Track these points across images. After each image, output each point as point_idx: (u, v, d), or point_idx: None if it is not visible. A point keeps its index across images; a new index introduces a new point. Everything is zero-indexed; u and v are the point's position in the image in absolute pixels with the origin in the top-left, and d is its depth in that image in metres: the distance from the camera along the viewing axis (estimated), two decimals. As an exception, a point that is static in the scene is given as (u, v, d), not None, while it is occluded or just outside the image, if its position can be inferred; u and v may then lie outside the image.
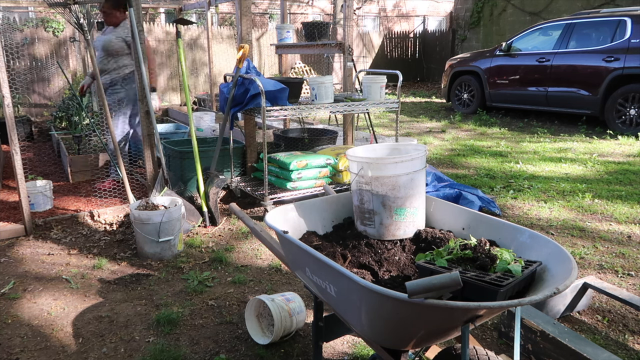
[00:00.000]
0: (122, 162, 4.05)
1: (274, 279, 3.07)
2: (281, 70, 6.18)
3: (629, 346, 2.36)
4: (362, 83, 4.47)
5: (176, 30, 4.04)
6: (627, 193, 4.61)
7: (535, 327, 2.19)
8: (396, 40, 16.63)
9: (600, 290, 2.46)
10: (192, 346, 2.39)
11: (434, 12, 19.27)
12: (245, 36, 4.33)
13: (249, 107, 4.03)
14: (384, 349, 1.63)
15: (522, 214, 4.12)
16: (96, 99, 7.42)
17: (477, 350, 1.65)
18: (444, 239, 1.92)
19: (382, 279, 1.79)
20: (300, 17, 17.13)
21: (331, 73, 11.41)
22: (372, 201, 1.98)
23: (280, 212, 2.04)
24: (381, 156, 2.16)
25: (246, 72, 4.08)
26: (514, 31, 12.93)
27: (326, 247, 1.97)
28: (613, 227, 3.83)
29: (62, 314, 2.68)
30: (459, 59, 10.02)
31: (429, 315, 1.39)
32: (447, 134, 7.67)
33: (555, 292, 1.35)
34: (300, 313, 2.41)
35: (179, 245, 3.42)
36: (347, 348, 2.37)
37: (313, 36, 5.23)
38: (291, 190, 4.12)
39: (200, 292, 2.88)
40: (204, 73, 12.01)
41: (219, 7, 7.46)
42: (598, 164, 5.71)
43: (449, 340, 2.31)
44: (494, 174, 5.34)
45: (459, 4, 15.57)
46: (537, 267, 1.58)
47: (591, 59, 7.60)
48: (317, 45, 5.00)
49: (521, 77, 8.56)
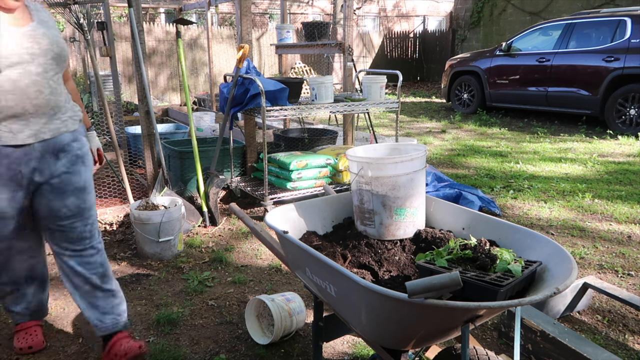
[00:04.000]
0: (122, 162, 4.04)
1: (274, 279, 3.07)
2: (281, 70, 6.18)
3: (629, 346, 2.36)
4: (362, 83, 4.47)
5: (176, 30, 4.04)
6: (627, 193, 4.61)
7: (535, 327, 2.19)
8: (396, 40, 16.63)
9: (600, 290, 2.46)
10: (192, 346, 2.39)
11: (434, 12, 19.26)
12: (245, 36, 4.33)
13: (249, 107, 4.03)
14: (384, 349, 1.63)
15: (522, 214, 4.12)
16: (96, 99, 7.42)
17: (477, 350, 1.65)
18: (444, 239, 1.92)
19: (382, 279, 1.79)
20: (300, 17, 17.13)
21: (331, 73, 11.41)
22: (372, 201, 1.98)
23: (280, 212, 2.04)
24: (381, 156, 2.16)
25: (246, 72, 4.08)
26: (514, 31, 12.92)
27: (326, 247, 1.97)
28: (613, 227, 3.83)
29: (62, 314, 2.68)
30: (459, 59, 10.02)
31: (429, 315, 1.39)
32: (447, 134, 7.67)
33: (555, 292, 1.35)
34: (300, 313, 2.41)
35: (179, 245, 3.42)
36: (347, 348, 2.37)
37: (313, 36, 5.23)
38: (291, 190, 4.12)
39: (200, 292, 2.88)
40: (204, 73, 12.01)
41: (219, 7, 7.47)
42: (598, 164, 5.71)
43: (449, 340, 2.31)
44: (494, 174, 5.34)
45: (459, 4, 15.56)
46: (537, 267, 1.58)
47: (591, 59, 7.59)
48: (317, 45, 5.00)
49: (521, 77, 8.56)
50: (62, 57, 1.95)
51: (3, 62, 1.76)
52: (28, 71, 1.82)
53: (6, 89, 1.78)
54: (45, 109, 1.90)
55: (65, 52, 1.97)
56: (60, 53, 1.93)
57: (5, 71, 1.77)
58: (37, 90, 1.85)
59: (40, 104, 1.87)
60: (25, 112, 1.84)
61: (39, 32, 1.88)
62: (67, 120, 2.02)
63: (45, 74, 1.87)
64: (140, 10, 3.83)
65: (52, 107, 1.92)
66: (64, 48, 1.97)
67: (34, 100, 1.85)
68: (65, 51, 1.97)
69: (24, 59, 1.81)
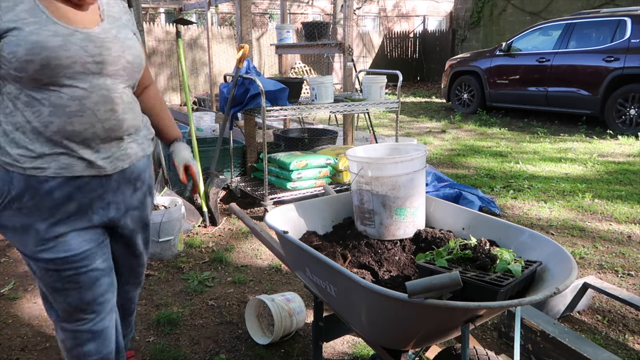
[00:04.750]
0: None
1: (274, 279, 3.07)
2: (281, 70, 6.18)
3: (629, 346, 2.36)
4: (362, 83, 4.47)
5: (176, 30, 4.04)
6: (627, 193, 4.61)
7: (535, 327, 2.19)
8: (396, 40, 16.63)
9: (600, 290, 2.46)
10: (192, 346, 2.39)
11: (434, 12, 19.26)
12: (245, 36, 4.33)
13: (249, 107, 4.03)
14: (384, 349, 1.63)
15: (522, 214, 4.12)
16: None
17: (477, 350, 1.65)
18: (444, 239, 1.92)
19: (382, 279, 1.79)
20: (300, 17, 17.13)
21: (331, 73, 11.41)
22: (372, 201, 1.98)
23: (280, 212, 2.03)
24: (381, 156, 2.16)
25: (246, 72, 4.08)
26: (514, 31, 12.93)
27: (326, 247, 1.97)
28: (613, 227, 3.83)
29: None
30: (459, 59, 10.02)
31: (429, 315, 1.39)
32: (447, 134, 7.67)
33: (555, 292, 1.35)
34: (300, 313, 2.41)
35: (179, 245, 3.42)
36: (347, 348, 2.37)
37: (313, 36, 5.23)
38: (291, 190, 4.12)
39: (200, 292, 2.88)
40: (204, 73, 12.01)
41: (219, 7, 7.47)
42: (598, 164, 5.71)
43: (449, 340, 2.31)
44: (494, 174, 5.34)
45: (459, 4, 15.56)
46: (537, 267, 1.58)
47: (591, 59, 7.60)
48: (317, 45, 5.00)
49: (521, 77, 8.56)
50: (135, 65, 1.57)
51: (63, 72, 1.39)
52: (95, 85, 1.45)
53: (72, 110, 1.42)
54: (119, 132, 1.53)
55: (140, 60, 1.59)
56: (133, 61, 1.55)
57: (68, 86, 1.41)
58: (110, 109, 1.48)
59: (113, 127, 1.50)
60: (96, 137, 1.48)
61: (110, 34, 1.50)
62: (143, 143, 1.66)
63: (116, 87, 1.50)
64: (141, 10, 3.84)
65: (127, 128, 1.55)
66: (138, 55, 1.58)
67: (106, 123, 1.48)
68: (141, 58, 1.60)
69: (90, 69, 1.43)
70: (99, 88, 1.45)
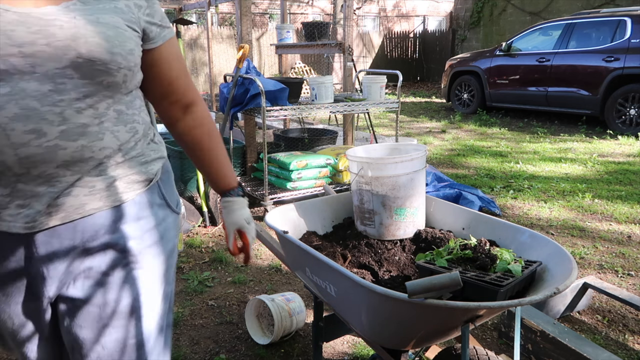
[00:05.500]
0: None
1: (274, 279, 3.07)
2: (281, 70, 6.18)
3: (629, 346, 2.36)
4: (362, 83, 4.47)
5: (176, 30, 4.04)
6: (627, 193, 4.61)
7: (535, 327, 2.19)
8: (396, 40, 16.63)
9: (600, 290, 2.46)
10: (192, 346, 2.39)
11: (434, 12, 19.26)
12: (245, 36, 4.33)
13: (249, 107, 4.03)
14: (384, 349, 1.63)
15: (522, 214, 4.12)
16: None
17: (477, 350, 1.65)
18: (444, 239, 1.92)
19: (382, 279, 1.79)
20: (300, 17, 17.13)
21: (331, 73, 11.41)
22: (372, 201, 1.98)
23: (280, 212, 2.03)
24: (381, 156, 2.16)
25: (246, 72, 4.08)
26: (514, 31, 12.93)
27: (326, 247, 1.97)
28: (613, 227, 3.83)
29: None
30: (459, 59, 10.02)
31: (429, 315, 1.39)
32: (447, 134, 7.67)
33: (555, 292, 1.35)
34: (300, 313, 2.41)
35: (179, 245, 3.42)
36: (347, 348, 2.37)
37: (313, 36, 5.23)
38: (291, 190, 4.12)
39: (200, 292, 2.88)
40: (204, 73, 12.01)
41: (219, 7, 7.47)
42: (598, 164, 5.71)
43: (449, 340, 2.31)
44: (494, 174, 5.34)
45: (459, 4, 15.57)
46: (537, 267, 1.58)
47: (591, 59, 7.60)
48: (317, 45, 5.01)
49: (521, 77, 8.57)
50: (101, 61, 0.96)
51: None
52: (19, 91, 0.91)
53: None
54: (47, 166, 0.96)
55: (117, 54, 0.98)
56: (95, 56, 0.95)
57: None
58: (32, 129, 0.92)
59: (34, 157, 0.94)
60: (6, 171, 0.94)
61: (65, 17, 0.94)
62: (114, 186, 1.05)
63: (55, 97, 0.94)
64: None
65: (68, 160, 0.97)
66: (111, 45, 0.97)
67: (22, 150, 0.93)
68: (121, 50, 0.99)
69: (14, 64, 0.90)
70: (24, 95, 0.91)
